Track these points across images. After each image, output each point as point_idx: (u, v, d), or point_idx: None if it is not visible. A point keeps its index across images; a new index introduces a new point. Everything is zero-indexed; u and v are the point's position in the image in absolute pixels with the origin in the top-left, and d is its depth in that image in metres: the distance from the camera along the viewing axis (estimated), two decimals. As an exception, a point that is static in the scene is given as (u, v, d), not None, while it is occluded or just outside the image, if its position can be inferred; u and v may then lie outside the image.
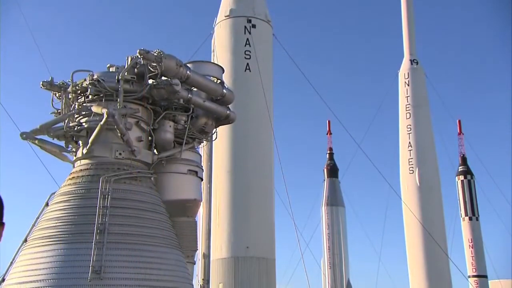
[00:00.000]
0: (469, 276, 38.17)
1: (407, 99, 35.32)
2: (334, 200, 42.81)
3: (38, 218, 7.83)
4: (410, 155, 34.44)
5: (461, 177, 41.52)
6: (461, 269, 37.09)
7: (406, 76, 36.13)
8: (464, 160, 42.56)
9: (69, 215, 7.29)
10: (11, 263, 7.48)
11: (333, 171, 44.26)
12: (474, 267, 38.92)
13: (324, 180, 44.06)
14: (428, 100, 36.68)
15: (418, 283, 32.64)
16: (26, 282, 6.73)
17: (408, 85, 35.48)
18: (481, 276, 38.75)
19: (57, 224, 7.20)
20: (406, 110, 35.19)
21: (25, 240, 7.61)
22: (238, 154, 27.36)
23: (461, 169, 42.03)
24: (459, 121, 45.11)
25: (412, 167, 34.14)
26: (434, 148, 35.65)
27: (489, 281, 40.29)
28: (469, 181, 41.13)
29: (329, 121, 47.68)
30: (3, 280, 7.26)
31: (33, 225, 7.80)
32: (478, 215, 40.75)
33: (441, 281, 32.15)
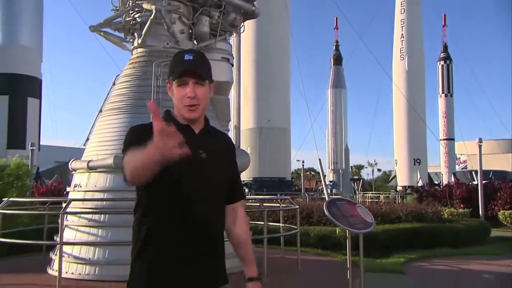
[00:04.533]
0: (440, 139, 38.70)
1: (403, -4, 33.55)
2: (338, 83, 42.44)
3: (108, 94, 7.96)
4: (402, 45, 33.51)
5: (442, 62, 40.48)
6: (435, 134, 37.52)
7: (403, -25, 33.89)
8: (445, 48, 41.12)
9: (131, 92, 7.37)
10: (92, 127, 7.78)
11: (338, 60, 43.37)
12: (445, 132, 39.36)
13: (331, 67, 43.38)
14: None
15: (401, 146, 33.33)
16: (103, 141, 7.04)
17: (404, -17, 33.40)
18: (450, 139, 39.34)
19: (123, 99, 7.32)
20: (401, 6, 33.59)
21: (100, 110, 7.83)
22: (261, 46, 26.76)
23: (442, 56, 40.87)
24: (444, 15, 43.19)
25: (403, 55, 33.30)
26: (422, 38, 34.45)
27: (455, 142, 40.96)
28: (448, 65, 40.13)
29: (336, 18, 45.72)
30: (88, 139, 7.60)
31: (105, 99, 7.95)
32: (453, 93, 40.29)
33: (419, 144, 32.78)
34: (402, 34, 33.43)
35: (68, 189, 7.41)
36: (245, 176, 23.33)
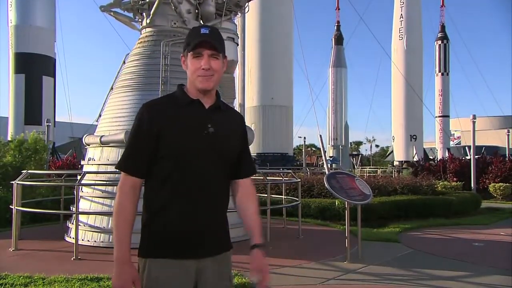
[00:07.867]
0: (436, 116, 38.37)
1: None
2: (339, 62, 41.87)
3: (118, 72, 7.88)
4: (401, 25, 32.86)
5: (439, 42, 39.70)
6: (431, 111, 37.16)
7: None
8: (443, 28, 40.23)
9: (140, 70, 7.29)
10: (104, 104, 7.74)
11: (339, 39, 42.67)
12: (440, 110, 38.97)
13: (332, 47, 42.74)
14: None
15: (398, 122, 33.08)
16: (115, 117, 7.01)
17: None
18: (445, 116, 38.98)
19: (132, 77, 7.24)
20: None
21: (111, 88, 7.77)
22: (265, 27, 26.31)
23: (440, 35, 40.05)
24: (443, -4, 41.96)
25: (402, 34, 32.68)
26: (421, 18, 33.71)
27: (450, 120, 40.62)
28: (445, 45, 39.36)
29: (337, -2, 44.70)
30: (100, 115, 7.58)
31: (116, 77, 7.87)
32: (449, 71, 39.68)
33: (416, 121, 32.52)
34: (401, 14, 32.78)
35: (82, 162, 7.46)
36: (249, 152, 23.34)
